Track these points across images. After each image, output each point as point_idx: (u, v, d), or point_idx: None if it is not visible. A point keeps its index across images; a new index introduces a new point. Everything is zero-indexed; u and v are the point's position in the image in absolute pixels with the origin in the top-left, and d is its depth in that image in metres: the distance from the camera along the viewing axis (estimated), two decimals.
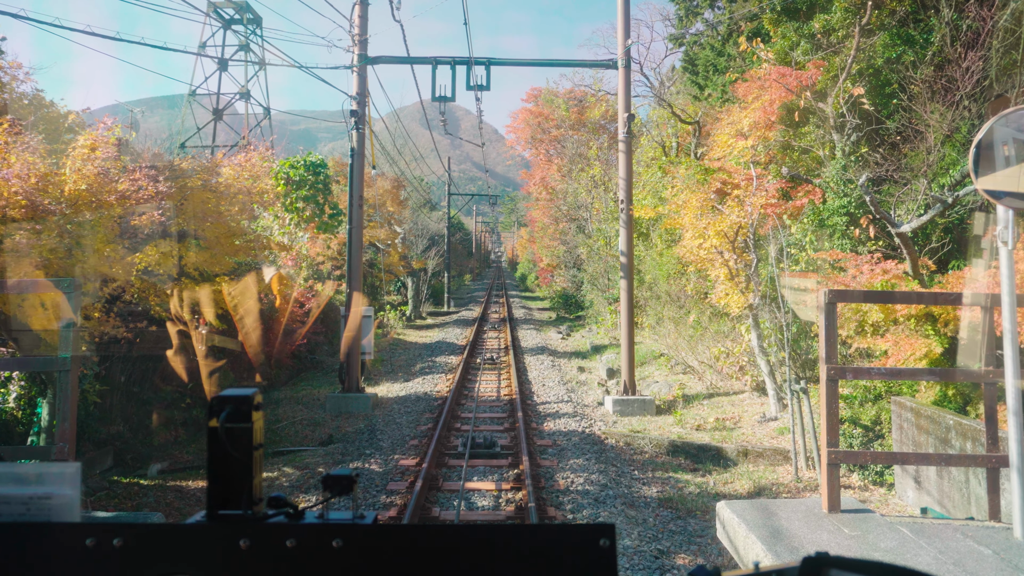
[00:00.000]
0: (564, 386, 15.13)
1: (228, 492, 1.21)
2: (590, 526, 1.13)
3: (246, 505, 1.20)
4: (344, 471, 1.28)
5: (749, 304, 11.02)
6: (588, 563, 1.11)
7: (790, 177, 10.86)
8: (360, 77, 13.48)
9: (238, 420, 1.22)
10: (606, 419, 12.31)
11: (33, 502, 1.18)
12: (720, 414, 12.06)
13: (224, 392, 1.24)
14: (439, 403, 13.27)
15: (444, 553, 1.12)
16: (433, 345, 22.39)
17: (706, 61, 18.52)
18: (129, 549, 1.12)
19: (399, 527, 1.19)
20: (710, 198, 11.62)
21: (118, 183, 6.91)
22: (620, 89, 13.53)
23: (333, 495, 1.25)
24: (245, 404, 1.22)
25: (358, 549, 1.13)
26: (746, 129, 11.49)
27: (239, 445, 1.21)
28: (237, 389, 1.26)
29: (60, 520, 1.17)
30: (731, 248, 11.11)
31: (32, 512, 1.17)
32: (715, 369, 14.29)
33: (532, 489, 7.97)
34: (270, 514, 1.21)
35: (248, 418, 1.22)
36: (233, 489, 1.20)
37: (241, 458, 1.21)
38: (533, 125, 29.63)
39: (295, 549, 1.13)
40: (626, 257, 13.27)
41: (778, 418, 11.32)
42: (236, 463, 1.21)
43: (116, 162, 7.49)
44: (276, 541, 1.13)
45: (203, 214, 8.45)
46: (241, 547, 1.13)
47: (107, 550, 1.12)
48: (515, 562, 1.13)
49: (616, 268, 22.87)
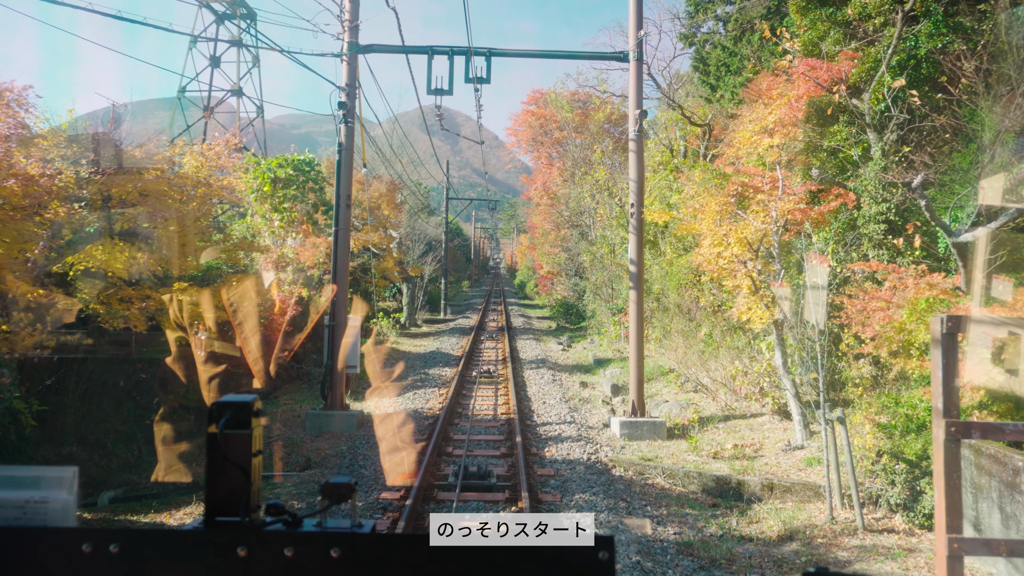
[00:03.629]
0: (566, 404, 14.01)
1: (226, 498, 1.22)
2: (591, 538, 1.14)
3: (244, 512, 1.21)
4: (342, 479, 1.28)
5: (773, 319, 9.93)
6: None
7: (820, 180, 9.79)
8: (350, 66, 12.42)
9: (237, 426, 1.23)
10: (613, 443, 11.20)
11: (29, 506, 1.19)
12: (738, 439, 10.96)
13: (223, 398, 1.26)
14: (430, 422, 12.16)
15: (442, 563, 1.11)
16: (427, 355, 21.27)
17: (718, 61, 17.51)
18: (126, 555, 1.12)
19: (397, 537, 1.27)
20: (730, 202, 10.55)
21: (28, 166, 5.78)
22: (631, 83, 12.48)
23: (331, 503, 1.24)
24: (244, 410, 1.24)
25: (356, 558, 1.13)
26: (771, 126, 10.43)
27: (238, 452, 1.22)
28: (236, 395, 1.28)
29: (56, 525, 1.18)
30: (754, 257, 10.03)
31: (28, 516, 1.19)
32: (730, 389, 13.19)
33: None
34: (268, 521, 1.21)
35: (247, 424, 1.24)
36: (231, 495, 1.21)
37: (240, 465, 1.22)
38: (535, 127, 28.58)
39: (293, 558, 1.13)
40: (636, 266, 12.18)
41: (804, 446, 10.21)
42: (235, 469, 1.22)
43: (31, 143, 6.37)
44: (274, 549, 1.13)
45: (158, 210, 7.34)
46: (239, 555, 1.12)
47: (104, 556, 1.11)
48: (514, 574, 1.11)
49: (621, 277, 21.80)
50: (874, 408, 9.56)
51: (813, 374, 9.53)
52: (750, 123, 10.83)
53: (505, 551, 1.12)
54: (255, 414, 1.24)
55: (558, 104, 26.69)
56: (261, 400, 1.30)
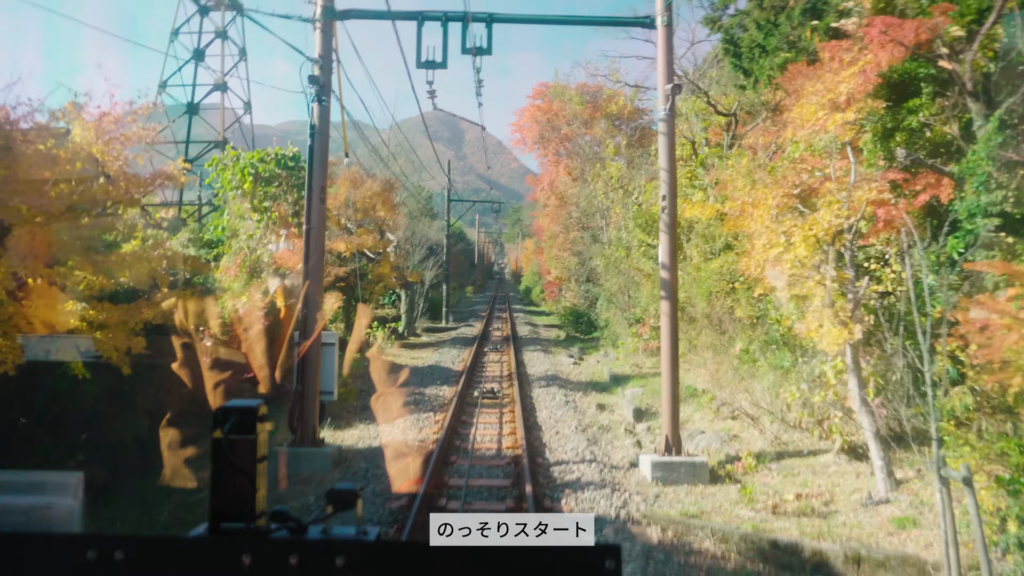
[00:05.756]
0: (583, 434, 11.92)
1: (231, 504, 1.23)
2: (596, 547, 1.11)
3: (249, 518, 1.22)
4: (347, 485, 1.29)
5: (852, 339, 7.84)
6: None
7: (908, 163, 7.72)
8: (324, 35, 10.40)
9: (242, 432, 1.23)
10: (644, 490, 9.11)
11: (34, 512, 1.19)
12: (800, 487, 8.86)
13: (228, 403, 1.26)
14: (423, 460, 10.10)
15: (449, 573, 1.11)
16: (425, 370, 19.20)
17: (751, 42, 15.42)
18: (131, 562, 1.11)
19: (402, 544, 1.38)
20: (792, 194, 8.49)
21: None
22: (660, 53, 10.44)
23: (337, 510, 1.25)
24: (249, 416, 1.25)
25: (361, 567, 1.12)
26: (842, 99, 8.37)
27: (242, 457, 1.23)
28: (241, 400, 1.28)
29: (61, 531, 1.21)
30: (827, 261, 7.96)
31: (33, 522, 1.20)
32: (779, 417, 11.09)
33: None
34: (273, 528, 1.23)
35: (252, 430, 1.25)
36: (236, 501, 1.22)
37: (244, 470, 1.23)
38: (541, 122, 26.53)
39: (298, 567, 1.11)
40: (668, 271, 10.11)
41: (890, 500, 8.11)
42: (239, 475, 1.22)
43: None
44: (279, 558, 1.12)
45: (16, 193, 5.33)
46: (244, 563, 1.11)
47: (109, 563, 1.10)
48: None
49: (639, 283, 19.67)
50: (978, 452, 7.50)
51: (917, 407, 7.45)
52: (813, 96, 8.76)
53: (511, 560, 1.11)
54: (260, 419, 1.23)
55: (566, 97, 24.62)
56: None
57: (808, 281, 7.72)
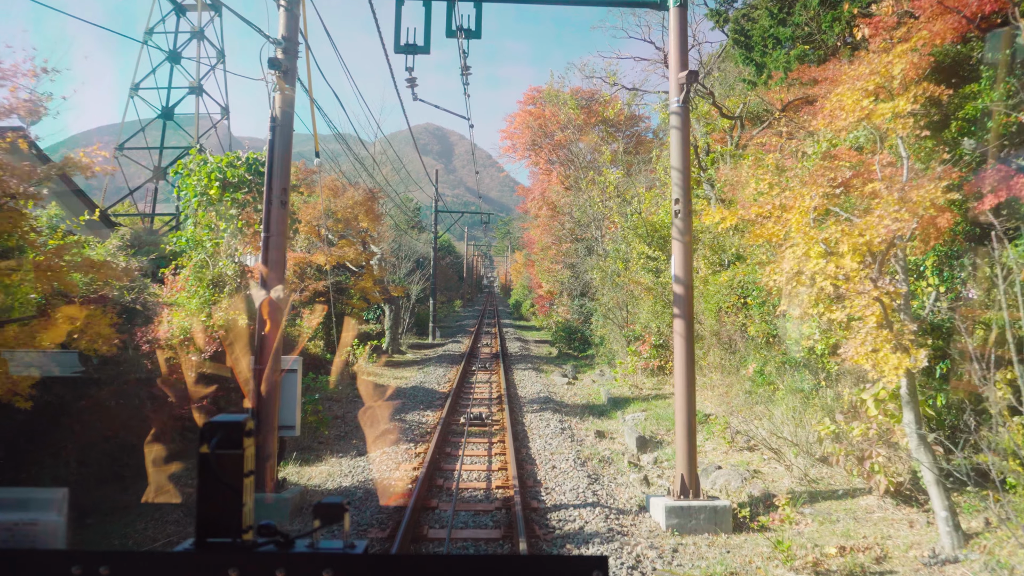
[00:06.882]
0: (582, 468, 10.54)
1: (217, 519, 1.19)
2: (583, 558, 1.11)
3: (235, 533, 1.18)
4: (335, 499, 1.24)
5: (910, 368, 6.54)
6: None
7: (976, 156, 6.47)
8: (289, 12, 9.09)
9: (229, 447, 1.20)
10: (658, 542, 7.73)
11: (18, 528, 1.16)
12: (842, 537, 7.52)
13: (215, 418, 1.22)
14: (399, 505, 8.70)
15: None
16: (408, 391, 17.79)
17: (763, 32, 14.27)
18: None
19: (390, 557, 1.33)
20: (834, 194, 7.22)
21: None
22: (672, 37, 9.20)
23: (324, 524, 1.21)
24: (236, 431, 1.21)
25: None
26: (895, 84, 7.12)
27: (229, 471, 1.19)
28: (228, 415, 1.24)
29: (45, 547, 1.15)
30: (878, 273, 6.67)
31: (16, 539, 1.16)
32: (805, 450, 9.77)
33: None
34: (260, 542, 1.19)
35: (239, 444, 1.21)
36: (222, 516, 1.19)
37: (231, 485, 1.19)
38: (533, 128, 25.29)
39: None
40: (683, 285, 8.78)
41: (959, 559, 6.77)
42: (226, 490, 1.19)
43: None
44: (266, 572, 1.11)
45: None
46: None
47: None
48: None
49: (638, 297, 18.37)
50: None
51: (985, 458, 6.14)
52: (854, 80, 7.50)
53: (499, 572, 1.11)
54: (247, 434, 1.21)
55: (560, 100, 23.40)
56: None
57: (862, 297, 6.42)
